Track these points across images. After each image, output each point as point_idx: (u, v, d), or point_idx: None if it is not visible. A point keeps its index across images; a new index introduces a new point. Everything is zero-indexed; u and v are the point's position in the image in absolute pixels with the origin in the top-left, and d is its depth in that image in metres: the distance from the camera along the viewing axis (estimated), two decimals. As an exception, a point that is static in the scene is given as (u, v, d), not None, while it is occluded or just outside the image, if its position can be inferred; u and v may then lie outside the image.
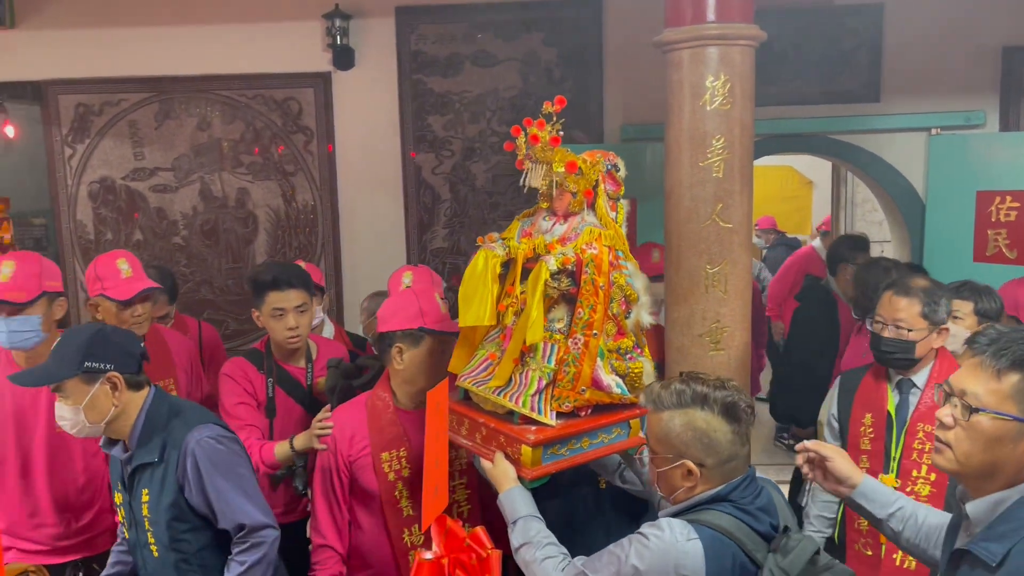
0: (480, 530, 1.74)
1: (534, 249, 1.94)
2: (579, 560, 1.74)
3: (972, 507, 1.49)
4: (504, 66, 4.87)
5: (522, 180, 1.98)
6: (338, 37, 4.76)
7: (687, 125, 3.07)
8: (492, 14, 4.82)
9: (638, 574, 1.60)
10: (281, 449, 2.63)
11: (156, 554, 2.14)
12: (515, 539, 1.81)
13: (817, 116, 4.77)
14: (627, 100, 4.84)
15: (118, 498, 2.27)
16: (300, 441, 2.57)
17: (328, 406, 2.46)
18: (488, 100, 4.91)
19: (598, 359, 1.90)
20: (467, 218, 5.04)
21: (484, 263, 1.94)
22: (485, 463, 1.94)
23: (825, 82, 4.75)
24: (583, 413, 1.94)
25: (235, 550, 2.14)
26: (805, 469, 1.79)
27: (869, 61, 4.73)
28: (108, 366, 2.09)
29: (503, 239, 2.02)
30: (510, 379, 1.92)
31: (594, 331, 1.87)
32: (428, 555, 1.74)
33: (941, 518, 1.75)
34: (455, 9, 4.83)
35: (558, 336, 1.91)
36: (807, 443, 1.79)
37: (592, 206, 1.99)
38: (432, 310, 2.26)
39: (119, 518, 2.31)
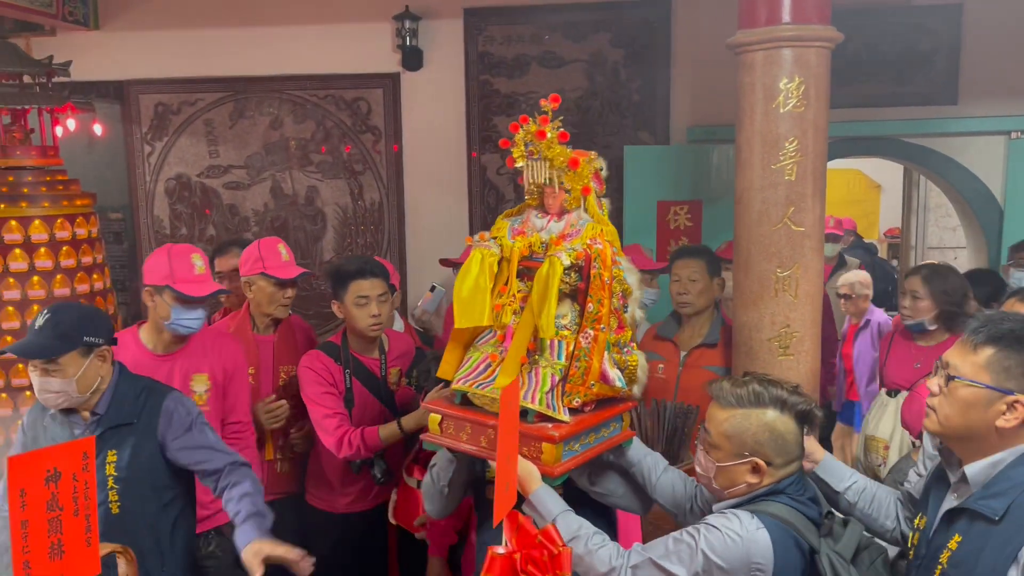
0: (552, 527, 1.76)
1: (530, 247, 1.94)
2: (638, 546, 1.76)
3: (970, 469, 1.64)
4: (571, 67, 4.88)
5: (528, 176, 1.95)
6: (407, 38, 4.83)
7: (759, 127, 3.03)
8: (560, 15, 4.83)
9: (709, 563, 1.65)
10: (387, 430, 2.78)
11: (115, 511, 2.27)
12: (568, 533, 1.80)
13: (891, 119, 4.67)
14: (694, 101, 4.80)
15: None
16: (410, 422, 2.66)
17: (441, 385, 2.47)
18: (554, 101, 4.92)
19: (604, 352, 1.91)
20: (531, 218, 5.06)
21: (480, 263, 1.91)
22: None
23: (900, 83, 4.64)
24: (588, 408, 1.94)
25: (227, 481, 2.33)
26: None
27: (947, 62, 4.60)
28: (101, 340, 2.25)
29: (494, 238, 1.99)
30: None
31: (602, 325, 1.88)
32: (500, 550, 1.76)
33: (889, 493, 1.97)
34: (523, 10, 4.86)
35: (565, 332, 1.92)
36: None
37: (584, 203, 1.99)
38: None
39: None
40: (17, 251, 2.98)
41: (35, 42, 5.17)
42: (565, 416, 1.87)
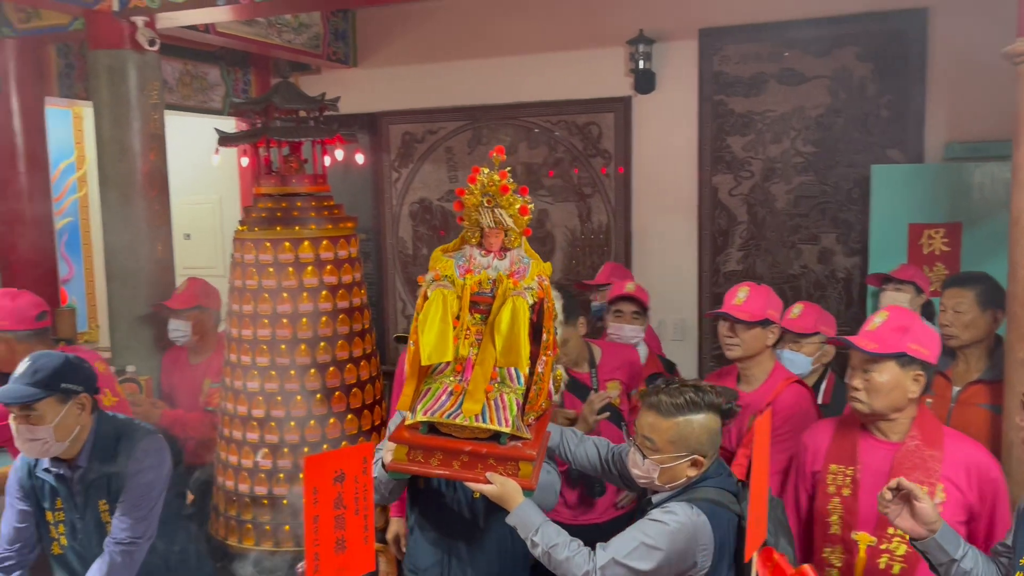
0: (809, 567, 1.67)
1: (479, 283, 2.09)
2: (600, 548, 1.96)
3: None
4: (812, 83, 4.67)
5: (483, 220, 2.07)
6: (640, 62, 4.86)
7: (1041, 143, 2.72)
8: (801, 31, 4.64)
9: (664, 552, 1.90)
10: None
11: (95, 538, 2.42)
12: (543, 543, 1.97)
13: None
14: (953, 116, 4.41)
15: (55, 517, 2.48)
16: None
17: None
18: (793, 119, 4.73)
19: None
20: (764, 241, 4.88)
21: (443, 302, 2.03)
22: (487, 487, 2.02)
23: None
24: (533, 422, 2.15)
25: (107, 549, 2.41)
26: (888, 496, 1.90)
27: None
28: (80, 388, 2.33)
29: (446, 276, 2.12)
30: (483, 407, 2.05)
31: (549, 351, 2.11)
32: (752, 587, 1.70)
33: (991, 563, 1.93)
34: (762, 28, 4.72)
35: None
36: (902, 480, 1.89)
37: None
38: None
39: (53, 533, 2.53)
40: (289, 269, 3.30)
41: (303, 80, 5.77)
42: (528, 434, 2.08)
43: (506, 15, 5.23)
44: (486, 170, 2.04)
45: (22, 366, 2.32)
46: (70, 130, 6.28)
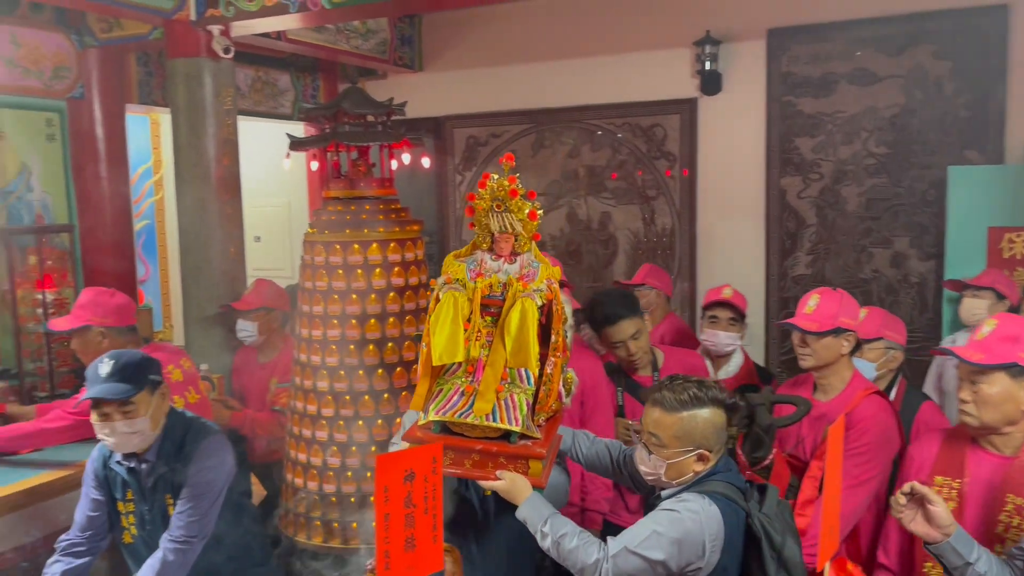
0: (884, 581, 1.63)
1: (490, 286, 2.14)
2: (611, 539, 1.96)
3: None
4: (885, 83, 4.55)
5: (493, 225, 2.13)
6: (707, 63, 4.80)
7: None
8: (874, 29, 4.53)
9: (677, 541, 1.89)
10: None
11: (161, 529, 2.46)
12: (552, 533, 1.99)
13: None
14: (1037, 116, 4.25)
15: (125, 507, 2.54)
16: None
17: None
18: (864, 120, 4.61)
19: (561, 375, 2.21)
20: (834, 244, 4.77)
21: (454, 305, 2.09)
22: (497, 484, 2.06)
23: None
24: (543, 423, 2.17)
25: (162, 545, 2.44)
26: (903, 501, 1.93)
27: None
28: (159, 379, 2.42)
29: (457, 279, 2.17)
30: (494, 406, 2.09)
31: (559, 352, 2.14)
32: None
33: (1005, 566, 1.93)
34: (832, 27, 4.62)
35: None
36: (916, 485, 1.92)
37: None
38: None
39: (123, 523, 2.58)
40: (358, 271, 3.36)
41: (369, 85, 5.87)
42: (538, 434, 2.10)
43: (571, 18, 5.23)
44: (495, 176, 2.09)
45: (106, 365, 2.38)
46: (147, 135, 6.51)
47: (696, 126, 5.03)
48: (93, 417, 2.40)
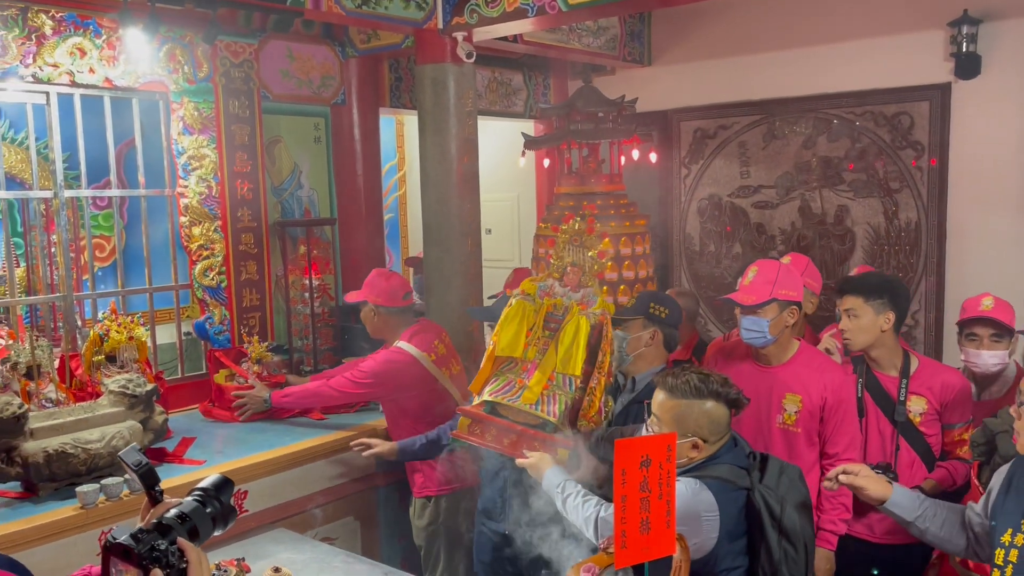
0: None
1: (554, 306, 2.60)
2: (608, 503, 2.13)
3: None
4: None
5: (570, 258, 2.67)
6: (963, 44, 4.43)
7: None
8: None
9: None
10: None
11: None
12: (562, 494, 2.28)
13: None
14: None
15: None
16: None
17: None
18: None
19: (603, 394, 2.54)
20: (1115, 242, 4.24)
21: (521, 310, 2.59)
22: (526, 460, 2.42)
23: None
24: (584, 431, 2.52)
25: None
26: (834, 486, 2.23)
27: None
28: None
29: (528, 294, 2.64)
30: (538, 399, 2.48)
31: (604, 372, 2.48)
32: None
33: (955, 511, 2.15)
34: (1120, -4, 4.10)
35: (575, 372, 2.55)
36: (840, 475, 2.20)
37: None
38: None
39: None
40: (589, 264, 3.49)
41: (597, 81, 5.98)
42: (569, 432, 2.46)
43: (808, 5, 5.04)
44: (577, 219, 2.64)
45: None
46: (393, 135, 7.08)
47: (949, 112, 4.65)
48: None
